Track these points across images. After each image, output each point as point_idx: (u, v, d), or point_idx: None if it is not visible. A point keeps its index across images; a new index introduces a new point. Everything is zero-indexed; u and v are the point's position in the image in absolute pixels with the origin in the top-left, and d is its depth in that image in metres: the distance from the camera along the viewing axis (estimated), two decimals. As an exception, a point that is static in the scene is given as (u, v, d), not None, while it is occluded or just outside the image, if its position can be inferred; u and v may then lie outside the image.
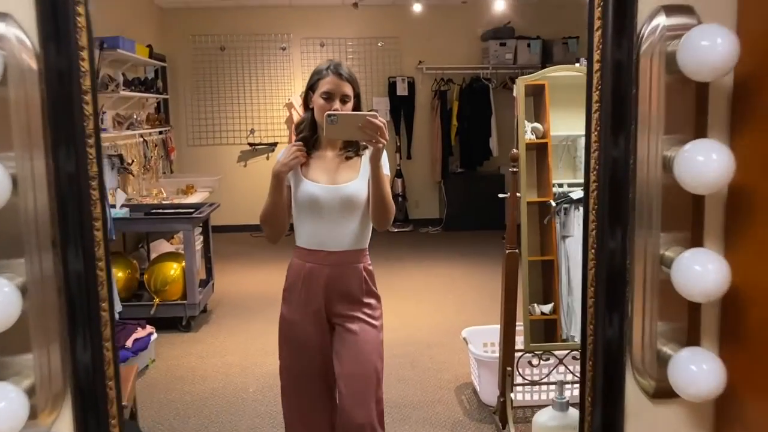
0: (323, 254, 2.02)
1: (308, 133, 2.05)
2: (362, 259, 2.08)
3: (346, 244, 2.03)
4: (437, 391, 3.54)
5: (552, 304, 3.23)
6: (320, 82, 2.01)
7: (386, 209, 2.00)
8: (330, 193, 2.00)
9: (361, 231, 2.06)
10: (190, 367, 3.90)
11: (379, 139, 1.83)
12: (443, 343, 4.16)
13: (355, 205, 2.01)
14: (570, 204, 3.22)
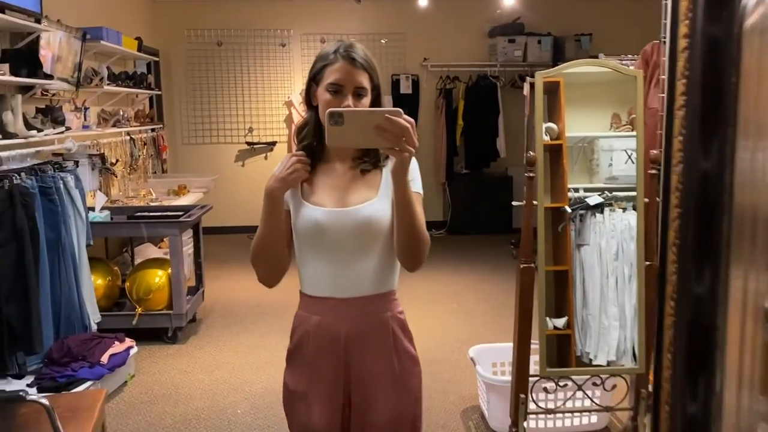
0: (335, 303, 1.53)
1: (313, 139, 1.54)
2: (390, 305, 1.57)
3: (366, 287, 1.53)
4: (441, 415, 3.22)
5: (565, 318, 2.92)
6: (326, 70, 1.49)
7: (417, 242, 1.45)
8: (340, 218, 1.49)
9: (386, 267, 1.55)
10: (174, 383, 3.59)
11: (404, 145, 1.30)
12: (448, 359, 3.85)
13: (375, 234, 1.50)
14: (586, 210, 2.91)
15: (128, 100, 5.80)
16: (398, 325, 1.57)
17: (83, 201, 3.57)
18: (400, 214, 1.43)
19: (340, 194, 1.53)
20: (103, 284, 4.08)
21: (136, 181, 5.40)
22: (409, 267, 1.51)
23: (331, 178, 1.55)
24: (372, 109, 1.39)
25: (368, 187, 1.54)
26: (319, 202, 1.52)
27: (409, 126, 1.30)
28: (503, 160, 7.14)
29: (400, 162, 1.35)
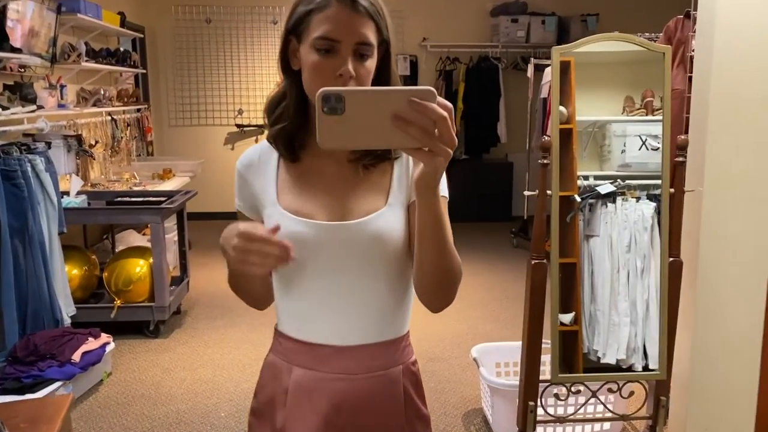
0: (328, 353, 1.11)
1: (292, 120, 1.10)
2: (403, 355, 1.15)
3: (372, 331, 1.11)
4: (441, 419, 2.99)
5: (573, 314, 2.68)
6: (314, 18, 1.02)
7: (448, 274, 1.03)
8: (336, 236, 1.08)
9: (399, 302, 1.14)
10: (154, 382, 3.34)
11: (437, 145, 0.84)
12: (447, 357, 3.62)
13: (385, 257, 1.09)
14: (596, 199, 2.67)
15: (111, 79, 5.50)
16: (411, 381, 1.16)
17: (55, 185, 3.29)
18: (426, 238, 0.98)
19: (336, 201, 1.09)
20: (79, 274, 3.81)
21: (119, 164, 5.11)
22: (435, 306, 1.08)
23: (321, 179, 1.11)
24: (389, 88, 0.88)
25: (374, 190, 1.10)
26: (306, 212, 1.09)
27: (447, 114, 0.83)
28: (504, 146, 6.89)
29: (432, 169, 0.86)
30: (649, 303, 2.52)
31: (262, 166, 1.14)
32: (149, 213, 3.81)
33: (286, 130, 1.10)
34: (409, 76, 6.80)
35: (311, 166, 1.12)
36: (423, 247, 1.00)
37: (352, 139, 0.86)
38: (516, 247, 5.98)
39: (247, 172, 1.15)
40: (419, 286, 1.07)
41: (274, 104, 1.13)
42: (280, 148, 1.12)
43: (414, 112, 0.82)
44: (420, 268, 1.03)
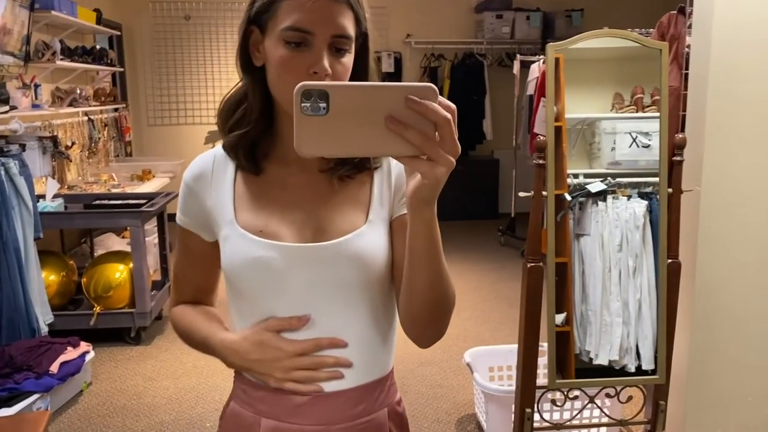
0: (301, 401, 0.95)
1: (253, 127, 0.94)
2: (387, 396, 1.02)
3: (353, 372, 0.96)
4: (434, 426, 2.91)
5: (564, 314, 2.62)
6: (281, 5, 0.87)
7: (441, 306, 0.89)
8: (307, 260, 0.92)
9: (383, 337, 0.99)
10: (136, 392, 3.23)
11: (437, 152, 0.71)
12: (438, 360, 3.54)
13: (366, 283, 0.94)
14: (586, 198, 2.62)
15: (87, 78, 5.34)
16: (397, 424, 1.02)
17: (30, 189, 3.16)
18: (420, 260, 0.84)
19: (306, 218, 0.94)
20: (56, 280, 3.68)
21: (97, 165, 4.97)
22: (425, 340, 0.93)
23: (287, 192, 0.95)
24: (383, 84, 0.71)
25: (352, 205, 0.95)
26: (271, 231, 0.93)
27: (450, 116, 0.70)
28: (489, 143, 6.84)
29: (432, 181, 0.73)
30: (641, 303, 2.47)
31: (215, 177, 0.97)
32: (129, 216, 3.69)
33: (248, 136, 0.94)
34: (393, 73, 6.72)
35: (275, 178, 0.96)
36: (415, 271, 0.85)
37: (336, 145, 0.71)
38: (503, 245, 5.93)
39: (196, 185, 0.98)
40: (408, 317, 0.92)
41: (231, 107, 0.96)
42: (239, 158, 0.95)
43: (411, 113, 0.69)
44: (410, 297, 0.88)
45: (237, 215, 0.95)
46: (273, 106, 0.94)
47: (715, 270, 2.47)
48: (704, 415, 2.54)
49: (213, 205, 0.97)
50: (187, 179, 0.99)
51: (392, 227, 0.96)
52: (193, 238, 1.01)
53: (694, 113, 2.48)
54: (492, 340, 3.72)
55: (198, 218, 0.99)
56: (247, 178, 0.97)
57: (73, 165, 4.44)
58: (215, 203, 0.97)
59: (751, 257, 2.46)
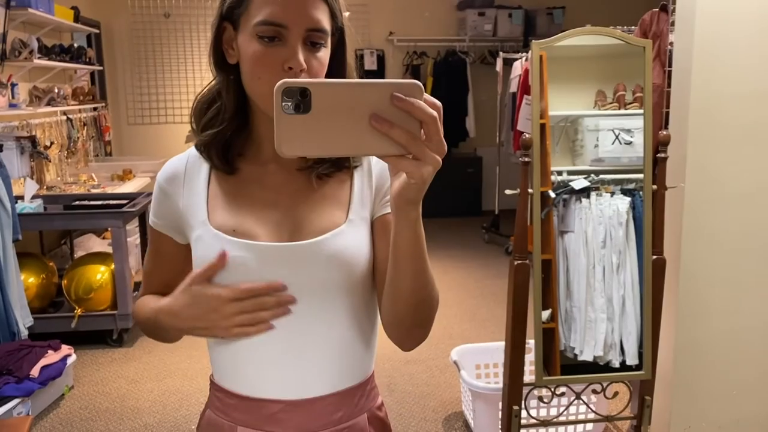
0: (279, 409, 0.92)
1: (227, 126, 0.92)
2: (368, 401, 0.99)
3: (331, 378, 0.94)
4: (421, 425, 2.91)
5: (549, 311, 2.63)
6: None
7: (424, 308, 0.87)
8: (285, 260, 0.89)
9: (363, 340, 0.96)
10: (119, 395, 3.18)
11: (424, 151, 0.68)
12: (424, 358, 3.54)
13: (346, 284, 0.91)
14: (570, 195, 2.63)
15: (65, 77, 5.26)
16: (378, 429, 1.00)
17: (8, 190, 3.10)
18: (404, 262, 0.81)
19: (283, 217, 0.91)
20: (36, 282, 3.62)
21: (76, 165, 4.89)
22: (408, 343, 0.91)
23: (263, 190, 0.93)
24: (367, 82, 0.69)
25: (331, 204, 0.93)
26: (245, 230, 0.90)
27: (437, 114, 0.68)
28: (472, 141, 6.85)
29: (418, 181, 0.70)
30: (625, 299, 2.48)
31: (188, 179, 0.95)
32: (110, 217, 3.63)
33: (221, 135, 0.92)
34: (375, 71, 6.70)
35: (250, 177, 0.93)
36: (399, 272, 0.82)
37: (318, 145, 0.68)
38: (488, 242, 5.94)
39: (169, 187, 0.96)
40: (391, 320, 0.88)
41: (204, 106, 0.94)
42: (212, 158, 0.93)
43: (397, 111, 0.67)
44: (393, 299, 0.85)
45: (210, 216, 0.92)
46: (248, 104, 0.92)
47: (700, 266, 2.49)
48: (689, 410, 2.56)
49: (185, 207, 0.94)
50: (160, 181, 0.97)
51: (374, 227, 0.93)
52: (163, 239, 0.99)
53: (677, 110, 2.50)
54: (478, 338, 3.73)
55: (170, 220, 0.97)
56: (222, 178, 0.94)
57: (52, 165, 4.37)
58: (188, 205, 0.94)
59: (735, 253, 2.48)
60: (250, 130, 0.94)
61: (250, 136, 0.94)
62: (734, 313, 2.52)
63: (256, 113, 0.92)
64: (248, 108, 0.92)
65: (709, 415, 2.57)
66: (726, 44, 2.34)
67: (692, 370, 2.54)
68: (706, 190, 2.44)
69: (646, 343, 2.38)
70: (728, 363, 2.55)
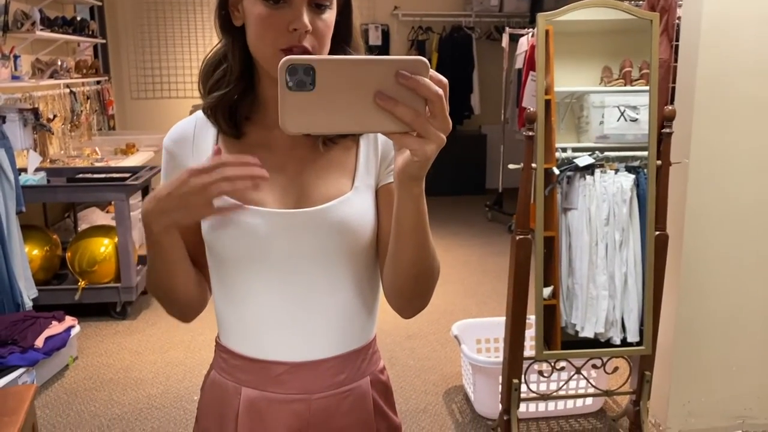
0: (284, 370, 0.94)
1: (233, 88, 0.91)
2: (370, 364, 1.01)
3: (335, 341, 0.95)
4: (422, 398, 2.93)
5: (551, 288, 2.64)
6: None
7: (425, 278, 0.88)
8: (291, 227, 0.90)
9: (367, 305, 0.98)
10: (122, 366, 3.22)
11: (429, 128, 0.68)
12: (425, 333, 3.56)
13: (351, 251, 0.92)
14: (574, 172, 2.62)
15: (68, 49, 5.23)
16: (380, 391, 1.01)
17: (11, 162, 3.10)
18: (405, 235, 0.82)
19: (289, 184, 0.92)
20: (40, 255, 3.64)
21: (79, 139, 4.89)
22: (408, 312, 0.93)
23: (270, 157, 0.91)
24: (372, 58, 0.68)
25: (337, 171, 0.93)
26: (254, 198, 0.90)
27: (442, 92, 0.67)
28: (477, 118, 6.81)
29: (421, 158, 0.70)
30: (627, 276, 2.49)
31: (196, 142, 0.95)
32: (113, 190, 3.64)
33: (227, 98, 0.91)
34: (380, 47, 6.65)
35: (257, 141, 0.93)
36: (401, 245, 0.83)
37: (323, 122, 0.68)
38: (491, 220, 5.94)
39: (178, 149, 0.95)
40: (392, 290, 0.91)
41: (210, 69, 0.93)
42: (219, 121, 0.93)
43: (402, 88, 0.67)
44: (395, 269, 0.87)
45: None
46: (254, 67, 0.92)
47: (702, 243, 2.48)
48: (689, 385, 2.58)
49: None
50: (168, 143, 0.96)
51: (378, 195, 0.94)
52: None
53: (683, 85, 2.48)
54: (479, 314, 3.74)
55: None
56: (229, 141, 0.94)
57: (55, 138, 4.37)
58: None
59: (737, 229, 2.48)
60: (256, 94, 0.93)
61: (257, 100, 0.94)
62: (736, 291, 2.52)
63: (262, 76, 0.91)
64: (254, 71, 0.92)
65: (708, 391, 2.58)
66: (735, 19, 2.31)
67: (692, 346, 2.55)
68: (710, 167, 2.43)
69: (647, 318, 2.38)
70: (728, 339, 2.55)
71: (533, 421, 2.73)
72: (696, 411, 2.59)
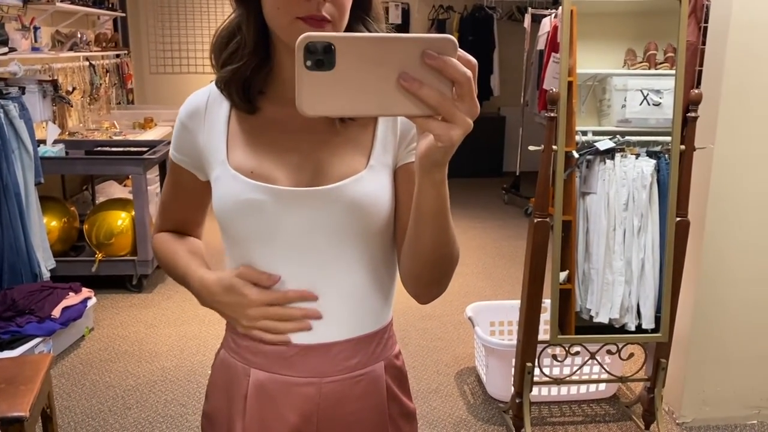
0: (292, 352, 0.92)
1: (247, 61, 0.87)
2: (385, 349, 0.98)
3: (349, 323, 0.93)
4: (434, 378, 2.93)
5: (567, 272, 2.61)
6: None
7: (444, 263, 0.84)
8: (304, 204, 0.87)
9: (381, 287, 0.95)
10: (137, 339, 3.25)
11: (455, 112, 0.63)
12: (439, 314, 3.55)
13: (366, 231, 0.89)
14: (594, 156, 2.58)
15: (88, 22, 5.23)
16: (395, 377, 0.98)
17: (30, 133, 3.12)
18: (426, 222, 0.78)
19: (303, 161, 0.88)
20: (57, 226, 3.67)
21: (98, 112, 4.90)
22: (425, 298, 0.89)
23: (284, 132, 0.89)
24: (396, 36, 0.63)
25: (352, 149, 0.89)
26: (264, 173, 0.87)
27: (471, 74, 0.63)
28: (496, 99, 6.73)
29: (447, 143, 0.65)
30: (645, 262, 2.46)
31: (209, 116, 0.92)
32: (131, 163, 3.65)
33: (241, 71, 0.87)
34: (400, 25, 6.58)
35: (272, 117, 0.90)
36: (420, 231, 0.80)
37: (342, 104, 0.63)
38: (507, 203, 5.90)
39: (190, 122, 0.94)
40: (409, 275, 0.87)
41: (224, 41, 0.88)
42: (232, 95, 0.89)
43: (427, 68, 0.62)
44: (413, 255, 0.84)
45: (229, 155, 0.89)
46: (269, 39, 0.87)
47: (724, 230, 2.44)
48: (705, 374, 2.55)
49: (205, 144, 0.92)
50: (182, 116, 0.95)
51: (397, 175, 0.90)
52: (183, 173, 0.97)
53: (711, 69, 2.42)
54: (493, 297, 3.73)
55: (190, 157, 0.95)
56: (242, 117, 0.91)
57: (74, 111, 4.38)
58: (207, 141, 0.92)
59: (761, 217, 2.43)
60: (271, 67, 0.89)
61: (272, 74, 0.89)
62: (756, 279, 2.47)
63: (278, 48, 0.87)
64: (270, 43, 0.88)
65: (724, 381, 2.55)
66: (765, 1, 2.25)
67: (709, 335, 2.52)
68: (736, 153, 2.38)
69: (665, 305, 2.35)
70: (747, 328, 2.52)
71: (545, 404, 2.72)
72: (711, 400, 2.56)
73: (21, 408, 1.84)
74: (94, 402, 2.69)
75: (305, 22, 0.79)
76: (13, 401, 1.87)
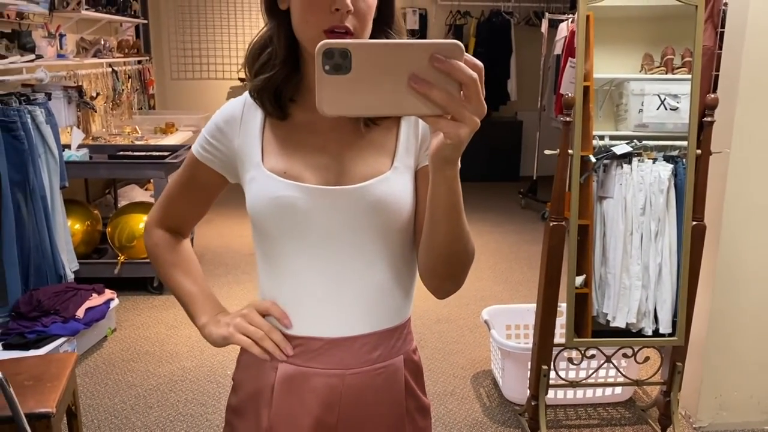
0: (317, 346, 0.97)
1: (278, 71, 0.94)
2: (404, 344, 1.02)
3: (371, 317, 0.98)
4: (450, 381, 2.95)
5: (584, 276, 2.62)
6: None
7: (460, 259, 0.89)
8: (331, 203, 0.93)
9: (403, 284, 1.00)
10: (158, 339, 3.31)
11: (463, 112, 0.69)
12: (455, 317, 3.57)
13: (389, 229, 0.95)
14: (611, 160, 2.59)
15: (111, 29, 5.33)
16: (412, 371, 1.03)
17: (56, 138, 3.19)
18: (440, 217, 0.83)
19: (331, 162, 0.94)
20: (81, 229, 3.75)
21: (120, 117, 4.99)
22: (442, 292, 0.94)
23: (313, 136, 0.96)
24: (406, 42, 0.69)
25: (377, 151, 0.95)
26: (295, 173, 0.94)
27: (477, 76, 0.68)
28: (513, 104, 6.75)
29: (455, 141, 0.70)
30: (662, 267, 2.46)
31: (245, 122, 0.99)
32: (152, 167, 3.72)
33: (272, 80, 0.93)
34: (417, 31, 6.62)
35: (302, 122, 0.96)
36: (435, 226, 0.85)
37: (358, 104, 0.70)
38: (524, 208, 5.90)
39: (227, 126, 1.00)
40: (426, 270, 0.92)
41: (256, 52, 0.95)
42: (265, 104, 0.96)
43: (436, 71, 0.67)
44: (428, 250, 0.88)
45: (264, 159, 0.96)
46: (298, 50, 0.94)
47: (741, 234, 2.44)
48: (721, 378, 2.54)
49: (240, 148, 0.98)
50: (219, 121, 1.01)
51: (417, 176, 0.96)
52: (203, 169, 1.03)
53: (727, 73, 2.42)
54: (510, 301, 3.74)
55: (220, 156, 1.01)
56: (275, 124, 0.97)
57: (98, 116, 4.47)
58: (242, 145, 0.98)
59: (777, 222, 2.42)
60: (301, 77, 0.95)
61: (302, 82, 0.96)
62: (774, 284, 2.47)
63: (306, 59, 0.94)
64: (299, 54, 0.94)
65: (741, 385, 2.55)
66: (783, 5, 2.25)
67: (726, 339, 2.52)
68: (752, 157, 2.38)
69: (681, 308, 2.36)
70: (763, 333, 2.51)
71: (561, 407, 2.73)
72: (728, 404, 2.56)
73: (48, 404, 1.90)
74: (117, 401, 2.75)
75: (330, 35, 0.85)
76: (40, 398, 1.92)
